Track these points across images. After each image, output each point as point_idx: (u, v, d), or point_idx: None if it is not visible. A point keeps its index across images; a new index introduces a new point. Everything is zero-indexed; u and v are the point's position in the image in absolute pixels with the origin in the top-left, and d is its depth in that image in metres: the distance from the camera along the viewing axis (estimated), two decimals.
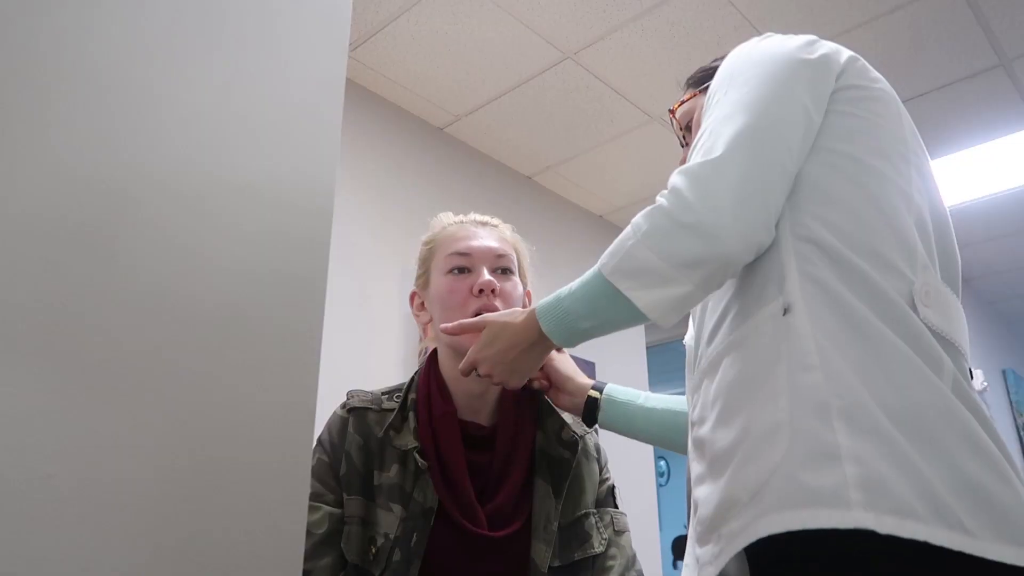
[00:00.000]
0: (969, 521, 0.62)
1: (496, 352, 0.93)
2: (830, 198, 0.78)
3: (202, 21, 0.57)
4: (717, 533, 0.72)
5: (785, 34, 0.88)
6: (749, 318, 0.78)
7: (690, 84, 1.07)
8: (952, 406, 0.68)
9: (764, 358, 0.74)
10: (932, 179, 0.86)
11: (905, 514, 0.62)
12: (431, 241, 1.16)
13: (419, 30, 2.35)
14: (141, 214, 0.50)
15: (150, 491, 0.47)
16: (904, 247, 0.76)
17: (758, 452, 0.69)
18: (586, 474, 1.10)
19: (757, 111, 0.78)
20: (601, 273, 0.81)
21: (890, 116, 0.84)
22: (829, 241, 0.75)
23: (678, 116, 1.07)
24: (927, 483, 0.63)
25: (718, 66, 1.01)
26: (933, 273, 0.77)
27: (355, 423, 1.05)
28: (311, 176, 0.62)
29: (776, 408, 0.70)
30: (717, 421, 0.77)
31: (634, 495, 3.12)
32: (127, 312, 0.48)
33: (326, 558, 0.97)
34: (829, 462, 0.65)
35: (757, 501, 0.67)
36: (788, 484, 0.66)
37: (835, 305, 0.72)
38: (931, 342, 0.71)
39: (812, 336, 0.71)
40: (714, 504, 0.73)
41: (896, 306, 0.72)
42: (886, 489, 0.63)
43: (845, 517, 0.62)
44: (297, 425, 0.55)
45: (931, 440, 0.66)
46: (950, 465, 0.65)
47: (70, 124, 0.48)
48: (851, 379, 0.68)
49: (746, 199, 0.74)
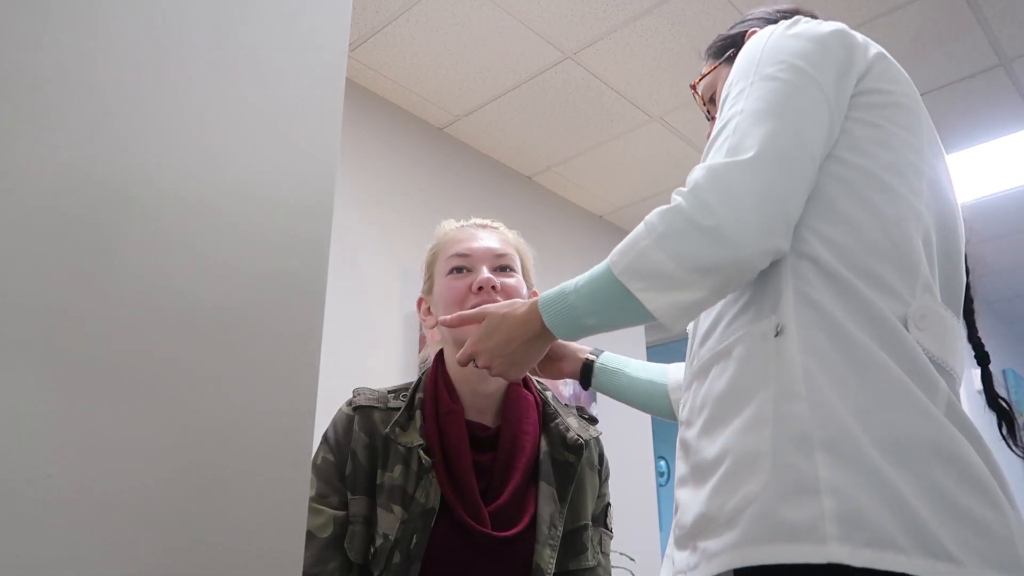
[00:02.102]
0: (955, 549, 0.62)
1: (495, 344, 0.91)
2: (834, 213, 0.77)
3: (202, 21, 0.57)
4: (694, 544, 0.73)
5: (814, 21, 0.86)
6: (742, 330, 0.78)
7: (710, 55, 1.06)
8: (943, 431, 0.67)
9: (752, 379, 0.74)
10: (946, 185, 0.84)
11: (884, 546, 0.62)
12: (434, 247, 1.17)
13: (419, 30, 2.35)
14: (140, 214, 0.50)
15: (150, 491, 0.47)
16: (906, 267, 0.75)
17: (738, 477, 0.70)
18: (588, 484, 1.11)
19: (785, 114, 0.76)
20: (611, 271, 0.78)
21: (908, 125, 0.82)
22: (827, 259, 0.74)
23: (700, 90, 1.06)
24: (911, 512, 0.63)
25: (737, 35, 1.00)
26: (934, 295, 0.76)
27: (361, 421, 1.05)
28: (311, 176, 0.62)
29: (759, 437, 0.70)
30: (702, 430, 0.77)
31: (634, 495, 3.12)
32: (127, 312, 0.48)
33: (332, 562, 0.97)
34: (807, 496, 0.65)
35: (734, 526, 0.68)
36: (765, 517, 0.66)
37: (829, 327, 0.72)
38: (926, 365, 0.70)
39: (801, 363, 0.71)
40: (693, 514, 0.74)
41: (892, 328, 0.71)
42: (865, 521, 0.63)
43: (819, 552, 0.63)
44: (297, 426, 0.55)
45: (918, 467, 0.65)
46: (937, 492, 0.64)
47: (70, 124, 0.48)
48: (838, 407, 0.68)
49: (769, 207, 0.72)
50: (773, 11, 1.04)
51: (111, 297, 0.47)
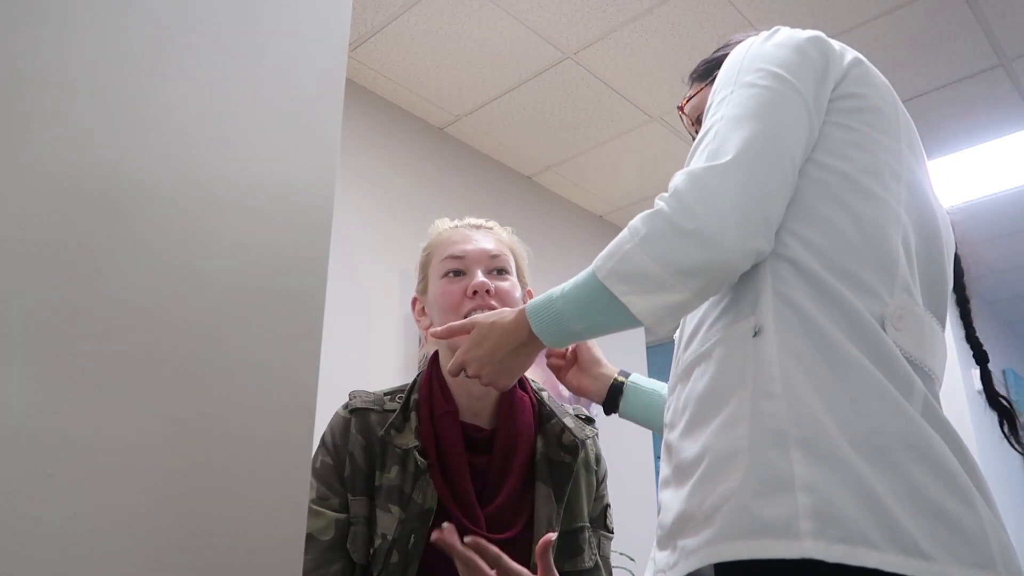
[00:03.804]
0: (928, 546, 0.63)
1: (484, 353, 0.91)
2: (812, 216, 0.77)
3: (202, 21, 0.57)
4: (674, 543, 0.74)
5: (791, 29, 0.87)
6: (722, 332, 0.78)
7: (695, 78, 1.06)
8: (918, 429, 0.68)
9: (731, 379, 0.74)
10: (927, 191, 0.84)
11: (857, 542, 0.62)
12: (428, 247, 1.17)
13: (419, 30, 2.35)
14: (140, 213, 0.50)
15: (151, 492, 0.47)
16: (884, 268, 0.75)
17: (716, 475, 0.71)
18: (584, 484, 1.10)
19: (764, 118, 0.77)
20: (596, 276, 0.79)
21: (887, 129, 0.83)
22: (805, 261, 0.75)
23: (687, 111, 1.06)
24: (884, 508, 0.64)
25: (721, 57, 1.00)
26: (913, 296, 0.76)
27: (358, 424, 1.05)
28: (311, 176, 0.62)
29: (736, 435, 0.71)
30: (684, 431, 0.78)
31: (634, 495, 3.12)
32: (128, 313, 0.48)
33: (335, 565, 0.98)
34: (782, 492, 0.66)
35: (711, 523, 0.69)
36: (741, 513, 0.67)
37: (806, 327, 0.72)
38: (902, 364, 0.71)
39: (778, 362, 0.72)
40: (673, 514, 0.75)
41: (869, 328, 0.72)
42: (838, 517, 0.63)
43: (793, 547, 0.63)
44: (297, 427, 0.55)
45: (892, 465, 0.66)
46: (910, 489, 0.65)
47: (69, 124, 0.48)
48: (814, 406, 0.69)
49: (749, 208, 0.73)
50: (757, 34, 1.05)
51: (111, 297, 0.47)
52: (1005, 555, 0.65)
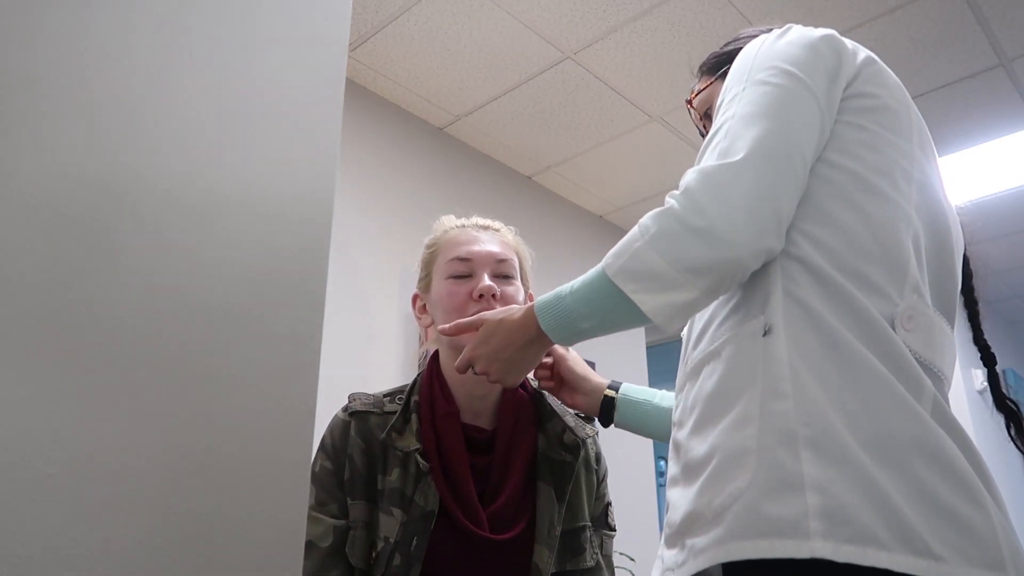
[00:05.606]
0: (937, 546, 0.62)
1: (492, 349, 0.91)
2: (823, 216, 0.77)
3: (202, 21, 0.57)
4: (682, 542, 0.73)
5: (805, 27, 0.87)
6: (731, 330, 0.78)
7: (704, 71, 1.06)
8: (928, 430, 0.68)
9: (740, 378, 0.74)
10: (938, 191, 0.84)
11: (866, 542, 0.62)
12: (433, 245, 1.16)
13: (419, 30, 2.35)
14: (140, 213, 0.50)
15: (151, 492, 0.47)
16: (894, 269, 0.75)
17: (725, 474, 0.70)
18: (584, 484, 1.10)
19: (776, 116, 0.76)
20: (605, 273, 0.79)
21: (898, 129, 0.82)
22: (816, 261, 0.75)
23: (696, 105, 1.06)
24: (894, 509, 0.64)
25: (731, 51, 1.00)
26: (922, 296, 0.76)
27: (357, 426, 1.05)
28: (311, 176, 0.62)
29: (745, 434, 0.71)
30: (693, 429, 0.78)
31: (634, 495, 3.12)
32: (127, 312, 0.48)
33: (334, 571, 0.97)
34: (792, 492, 0.66)
35: (720, 523, 0.69)
36: (750, 513, 0.67)
37: (816, 327, 0.72)
38: (912, 364, 0.71)
39: (788, 362, 0.71)
40: (681, 512, 0.74)
41: (879, 328, 0.71)
42: (848, 517, 0.63)
43: (802, 547, 0.63)
44: (297, 427, 0.55)
45: (902, 465, 0.66)
46: (920, 490, 0.65)
47: (69, 125, 0.48)
48: (823, 406, 0.69)
49: (760, 207, 0.73)
50: (767, 29, 1.05)
51: (111, 297, 0.47)
52: (1015, 556, 0.65)
